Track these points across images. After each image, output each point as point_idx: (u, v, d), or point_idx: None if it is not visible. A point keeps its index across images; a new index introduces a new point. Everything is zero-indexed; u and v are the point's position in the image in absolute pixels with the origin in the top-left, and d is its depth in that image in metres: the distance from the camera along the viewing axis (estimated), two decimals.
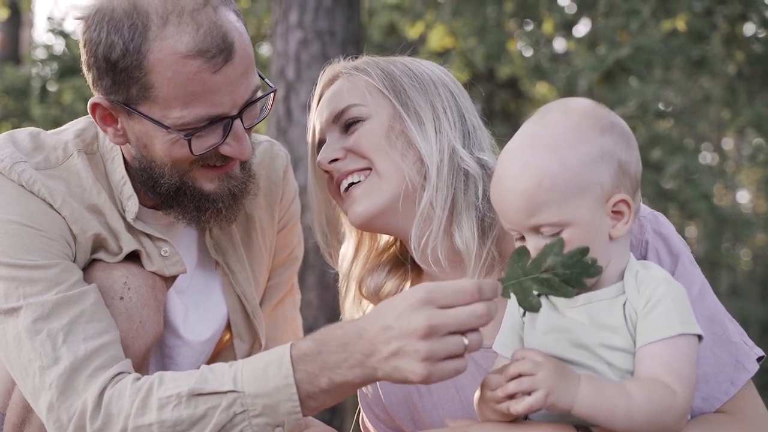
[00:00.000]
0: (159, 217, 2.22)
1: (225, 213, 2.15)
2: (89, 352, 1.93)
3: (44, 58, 10.40)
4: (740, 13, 8.60)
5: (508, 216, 1.82)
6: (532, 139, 1.82)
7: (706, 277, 2.04)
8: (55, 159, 2.12)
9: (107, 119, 2.07)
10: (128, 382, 1.90)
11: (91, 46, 1.99)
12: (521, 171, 1.78)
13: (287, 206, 2.47)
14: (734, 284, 18.33)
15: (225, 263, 2.33)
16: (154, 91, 1.96)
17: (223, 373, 1.88)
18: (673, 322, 1.74)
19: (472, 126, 2.17)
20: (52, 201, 2.06)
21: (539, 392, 1.69)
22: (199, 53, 1.94)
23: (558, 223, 1.77)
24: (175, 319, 2.27)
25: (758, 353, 1.99)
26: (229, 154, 2.06)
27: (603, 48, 8.27)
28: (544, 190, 1.76)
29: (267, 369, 1.85)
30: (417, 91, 2.13)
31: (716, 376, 1.94)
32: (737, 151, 19.19)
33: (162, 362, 2.30)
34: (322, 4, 6.13)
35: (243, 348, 2.37)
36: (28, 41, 14.26)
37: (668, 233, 2.03)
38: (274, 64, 6.24)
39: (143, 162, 2.09)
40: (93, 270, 2.10)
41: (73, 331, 1.95)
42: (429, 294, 1.73)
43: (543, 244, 1.77)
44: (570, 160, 1.77)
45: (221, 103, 1.99)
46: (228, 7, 2.01)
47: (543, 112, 1.87)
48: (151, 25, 1.94)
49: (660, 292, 1.77)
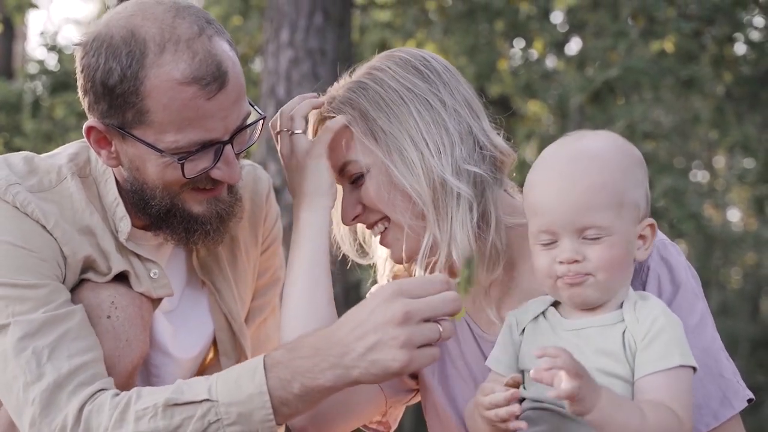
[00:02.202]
0: (149, 238, 2.26)
1: (213, 234, 2.20)
2: (72, 369, 1.98)
3: (36, 72, 10.40)
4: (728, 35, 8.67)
5: (556, 215, 1.85)
6: (585, 151, 1.90)
7: None
8: (48, 182, 2.17)
9: (101, 142, 2.12)
10: (107, 398, 1.95)
11: (89, 72, 2.04)
12: (583, 172, 1.85)
13: (270, 228, 2.53)
14: (724, 302, 18.35)
15: (211, 282, 2.38)
16: (149, 116, 2.02)
17: (198, 384, 1.94)
18: (674, 354, 1.79)
19: (460, 127, 2.12)
20: (45, 223, 2.09)
21: (573, 382, 1.66)
22: (194, 80, 1.99)
23: (606, 227, 1.83)
24: (162, 338, 2.31)
25: (748, 395, 2.00)
26: (220, 178, 2.12)
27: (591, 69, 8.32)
28: (605, 192, 1.84)
29: (240, 378, 1.91)
30: (391, 122, 2.11)
31: (700, 408, 1.95)
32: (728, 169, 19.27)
33: (148, 380, 2.33)
34: (313, 23, 6.17)
35: (229, 365, 2.38)
36: (21, 55, 14.27)
37: (674, 263, 2.04)
38: (265, 82, 6.27)
39: (135, 184, 2.14)
40: (81, 289, 2.14)
41: (58, 349, 1.99)
42: (400, 286, 1.83)
43: (578, 248, 1.83)
44: (623, 175, 1.87)
45: (214, 128, 2.05)
46: (222, 37, 2.07)
47: (582, 135, 1.96)
48: (148, 53, 1.99)
49: (659, 324, 1.82)
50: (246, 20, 10.23)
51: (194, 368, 2.40)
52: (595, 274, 1.83)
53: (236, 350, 2.42)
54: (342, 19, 6.29)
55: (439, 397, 2.25)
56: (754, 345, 16.26)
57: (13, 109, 10.31)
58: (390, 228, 2.18)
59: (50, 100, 10.23)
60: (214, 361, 2.42)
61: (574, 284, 1.84)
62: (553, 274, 1.86)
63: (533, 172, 1.93)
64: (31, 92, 10.25)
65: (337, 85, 2.25)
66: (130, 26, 2.02)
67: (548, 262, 1.87)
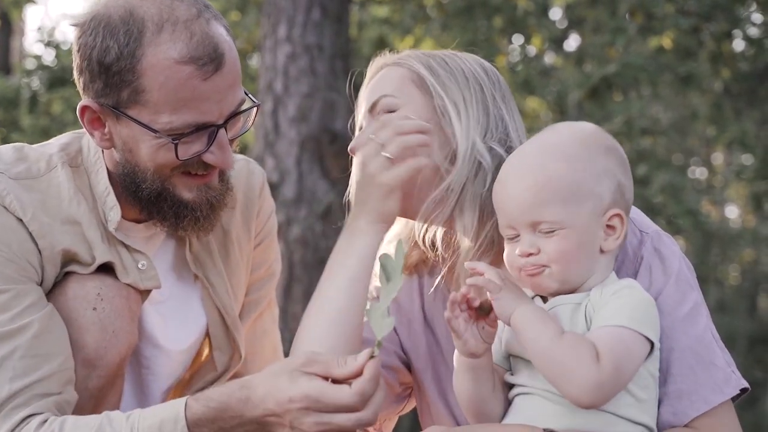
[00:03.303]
0: (139, 229, 2.25)
1: (203, 222, 2.19)
2: (11, 394, 1.96)
3: (34, 68, 10.39)
4: (726, 31, 8.67)
5: (510, 211, 1.93)
6: (541, 146, 1.96)
7: None
8: (36, 170, 2.15)
9: (95, 123, 2.11)
10: (32, 428, 1.94)
11: (86, 50, 2.04)
12: (530, 170, 1.92)
13: (263, 222, 2.51)
14: (722, 299, 18.35)
15: (204, 276, 2.36)
16: (144, 95, 2.02)
17: (120, 427, 1.92)
18: (621, 316, 1.82)
19: (496, 119, 2.19)
20: (22, 215, 2.08)
21: (495, 280, 1.86)
22: (191, 60, 2.00)
23: (557, 222, 1.88)
24: (152, 329, 2.29)
25: (742, 384, 1.99)
26: (212, 162, 2.11)
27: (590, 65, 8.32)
28: (550, 188, 1.88)
29: (162, 426, 1.91)
30: (451, 83, 2.17)
31: (690, 395, 1.94)
32: (726, 166, 19.27)
33: (139, 372, 2.32)
34: (310, 18, 6.17)
35: (223, 360, 2.40)
36: (19, 51, 14.25)
37: (667, 253, 2.04)
38: (263, 77, 6.27)
39: (127, 166, 2.13)
40: (67, 281, 2.13)
41: (2, 370, 1.98)
42: (314, 404, 1.82)
43: (535, 241, 1.89)
44: (577, 168, 1.90)
45: (209, 111, 2.05)
46: (219, 22, 2.09)
47: (550, 129, 2.03)
48: (146, 32, 2.00)
49: (619, 294, 1.87)
50: (244, 16, 10.21)
51: (187, 361, 2.39)
52: (550, 265, 1.89)
53: (230, 345, 2.41)
54: (340, 14, 6.29)
55: (433, 396, 2.26)
56: (752, 341, 16.27)
57: (11, 104, 10.31)
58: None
59: (47, 95, 10.23)
60: (208, 358, 2.41)
61: (533, 275, 1.91)
62: (516, 265, 1.93)
63: (502, 169, 2.00)
64: (29, 88, 10.24)
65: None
66: (128, 6, 2.02)
67: (512, 255, 1.94)
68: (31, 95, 10.18)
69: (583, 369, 1.77)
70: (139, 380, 2.33)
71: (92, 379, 2.09)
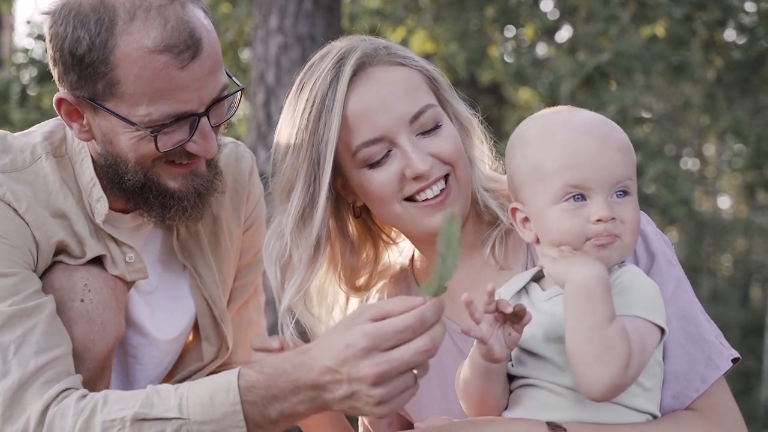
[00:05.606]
0: (126, 220, 2.21)
1: (191, 211, 2.14)
2: (39, 367, 1.91)
3: (24, 62, 10.35)
4: (719, 20, 8.67)
5: (596, 168, 1.81)
6: (595, 117, 1.92)
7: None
8: (21, 162, 2.10)
9: (73, 115, 2.06)
10: (72, 401, 1.87)
11: (57, 41, 1.98)
12: (612, 131, 1.87)
13: (253, 207, 2.46)
14: (715, 289, 18.42)
15: (192, 267, 2.32)
16: (120, 87, 1.95)
17: (168, 398, 1.85)
18: (635, 307, 1.78)
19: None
20: (17, 206, 2.03)
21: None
22: (166, 48, 1.92)
23: (634, 183, 1.86)
24: (139, 318, 2.25)
25: (733, 354, 1.99)
26: (195, 152, 2.05)
27: (582, 54, 8.31)
28: (631, 150, 1.88)
29: (214, 396, 1.82)
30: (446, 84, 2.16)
31: (687, 373, 1.93)
32: (718, 156, 19.32)
33: (125, 362, 2.29)
34: (302, 8, 6.13)
35: (210, 351, 2.37)
36: (9, 45, 14.18)
37: (648, 231, 2.03)
38: (255, 68, 6.23)
39: (108, 158, 2.08)
40: (53, 272, 2.09)
41: (25, 344, 1.93)
42: (372, 341, 1.70)
43: (609, 205, 1.80)
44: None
45: (188, 100, 1.98)
46: (196, 5, 2.00)
47: (562, 109, 1.97)
48: (117, 20, 1.93)
49: (629, 282, 1.81)
50: (235, 8, 10.17)
51: (175, 351, 2.35)
52: (622, 236, 1.81)
53: (218, 336, 2.37)
54: (331, 5, 6.26)
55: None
56: (745, 331, 16.33)
57: (1, 98, 10.26)
58: (450, 185, 2.07)
59: (38, 89, 10.18)
60: (194, 344, 2.37)
61: (604, 245, 1.80)
62: (584, 234, 1.81)
63: (543, 136, 1.89)
64: (19, 82, 10.20)
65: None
66: None
67: (579, 222, 1.81)
68: (22, 89, 10.13)
69: (611, 367, 1.70)
70: (125, 369, 2.29)
71: (79, 371, 2.03)
